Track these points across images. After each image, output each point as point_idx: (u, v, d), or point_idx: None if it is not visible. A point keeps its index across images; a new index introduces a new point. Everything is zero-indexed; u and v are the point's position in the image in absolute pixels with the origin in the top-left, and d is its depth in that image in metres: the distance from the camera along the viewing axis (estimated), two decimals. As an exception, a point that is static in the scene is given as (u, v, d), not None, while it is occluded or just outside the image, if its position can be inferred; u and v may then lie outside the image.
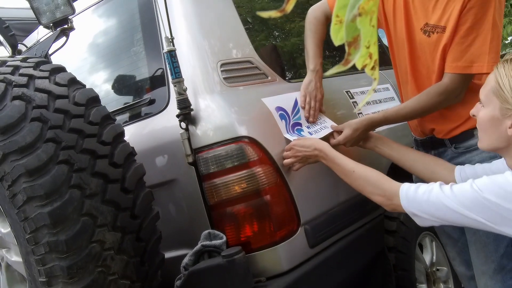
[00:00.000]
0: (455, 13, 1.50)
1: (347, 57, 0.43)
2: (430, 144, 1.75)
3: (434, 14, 1.57)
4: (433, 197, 1.21)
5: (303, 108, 1.73)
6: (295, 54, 2.00)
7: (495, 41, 1.49)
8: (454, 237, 1.88)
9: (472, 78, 1.58)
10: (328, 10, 1.82)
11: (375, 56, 0.44)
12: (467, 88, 1.58)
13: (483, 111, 1.25)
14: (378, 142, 1.70)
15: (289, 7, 0.45)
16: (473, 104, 1.36)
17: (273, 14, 0.46)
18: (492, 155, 1.47)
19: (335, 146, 1.64)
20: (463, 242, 1.82)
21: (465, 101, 1.60)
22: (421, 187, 1.26)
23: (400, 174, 1.68)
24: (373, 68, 0.44)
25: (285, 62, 1.99)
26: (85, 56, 2.00)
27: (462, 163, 1.55)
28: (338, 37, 0.44)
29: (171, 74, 1.48)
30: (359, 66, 0.44)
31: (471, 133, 1.63)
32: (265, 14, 0.48)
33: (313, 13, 1.84)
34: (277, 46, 2.03)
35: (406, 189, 1.28)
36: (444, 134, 1.70)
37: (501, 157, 1.37)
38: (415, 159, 1.62)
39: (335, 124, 1.75)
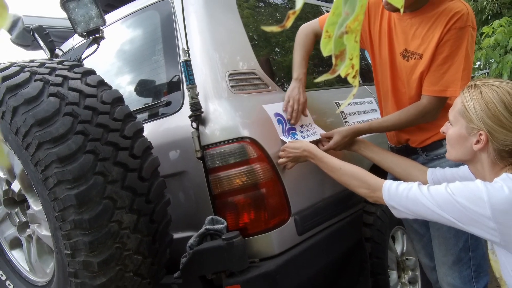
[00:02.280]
0: (432, 43, 1.50)
1: (334, 67, 0.44)
2: (405, 152, 1.74)
3: (413, 41, 1.56)
4: (412, 195, 1.21)
5: (286, 111, 1.67)
6: (293, 68, 2.00)
7: (466, 69, 1.48)
8: (420, 232, 1.88)
9: (447, 100, 1.58)
10: (318, 29, 1.78)
11: (357, 67, 0.45)
12: (442, 107, 1.58)
13: (451, 130, 1.25)
14: (361, 145, 1.70)
15: (289, 23, 0.45)
16: (445, 117, 1.36)
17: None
18: (457, 163, 1.47)
19: (325, 150, 1.64)
20: (428, 238, 1.82)
21: (439, 115, 1.60)
22: (402, 185, 1.26)
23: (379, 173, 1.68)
24: (354, 76, 0.45)
25: (283, 75, 1.99)
26: (112, 61, 2.01)
27: (432, 168, 1.55)
28: (326, 49, 0.44)
29: (186, 81, 1.48)
30: (342, 75, 0.45)
31: (440, 143, 1.64)
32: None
33: (304, 30, 1.82)
34: (277, 61, 2.03)
35: (388, 185, 1.28)
36: (418, 143, 1.70)
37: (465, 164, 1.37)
38: (393, 161, 1.62)
39: (324, 132, 1.75)
